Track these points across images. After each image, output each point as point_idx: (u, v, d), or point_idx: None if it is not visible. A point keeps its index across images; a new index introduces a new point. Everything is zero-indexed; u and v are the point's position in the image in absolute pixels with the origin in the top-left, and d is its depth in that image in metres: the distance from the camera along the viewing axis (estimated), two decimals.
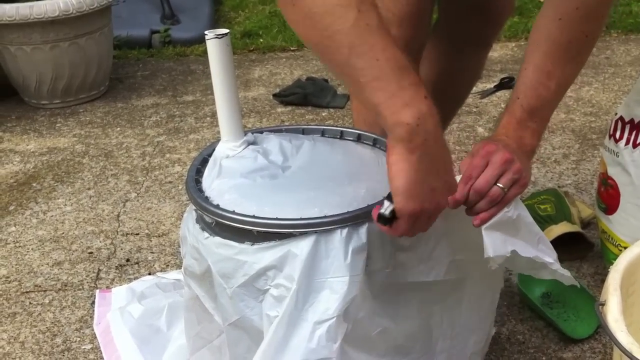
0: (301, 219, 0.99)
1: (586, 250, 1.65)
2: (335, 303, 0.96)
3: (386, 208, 0.93)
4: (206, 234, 1.05)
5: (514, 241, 1.04)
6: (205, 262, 1.05)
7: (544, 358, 1.38)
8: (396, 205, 0.92)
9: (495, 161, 1.00)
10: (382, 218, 0.94)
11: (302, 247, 0.98)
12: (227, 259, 1.01)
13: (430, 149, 0.89)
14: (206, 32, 1.11)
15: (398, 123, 0.87)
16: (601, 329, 1.42)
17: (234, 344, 1.07)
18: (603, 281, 1.54)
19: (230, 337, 1.07)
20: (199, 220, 1.09)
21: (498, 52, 3.09)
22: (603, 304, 0.96)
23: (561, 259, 1.55)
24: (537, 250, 1.08)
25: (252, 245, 1.01)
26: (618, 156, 1.45)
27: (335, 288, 0.97)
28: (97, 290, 1.42)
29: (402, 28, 1.31)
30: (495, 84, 2.71)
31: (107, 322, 1.32)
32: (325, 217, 0.99)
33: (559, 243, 1.59)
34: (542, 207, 1.68)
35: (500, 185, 1.00)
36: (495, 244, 1.01)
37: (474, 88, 2.54)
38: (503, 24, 1.59)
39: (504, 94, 2.64)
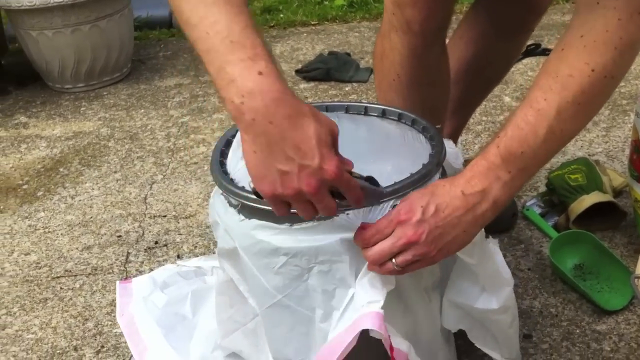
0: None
1: (619, 219, 1.61)
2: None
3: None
4: (241, 217, 1.04)
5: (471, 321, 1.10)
6: (240, 244, 1.04)
7: (577, 331, 1.37)
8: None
9: (399, 236, 0.92)
10: (253, 191, 0.90)
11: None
12: (266, 242, 1.00)
13: (263, 128, 0.81)
14: None
15: (225, 99, 0.83)
16: (635, 300, 1.39)
17: (274, 326, 1.06)
18: (637, 251, 1.53)
19: (270, 319, 1.06)
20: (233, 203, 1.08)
21: None
22: (639, 277, 0.94)
23: (594, 229, 1.54)
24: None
25: (291, 226, 0.99)
26: None
27: None
28: (118, 282, 1.41)
29: (416, 8, 1.26)
30: (521, 51, 2.65)
31: (130, 313, 1.32)
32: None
33: (591, 213, 1.57)
34: (572, 177, 1.65)
35: (394, 262, 0.93)
36: (449, 319, 1.09)
37: None
38: (544, 11, 1.51)
39: (530, 61, 2.59)
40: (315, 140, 0.83)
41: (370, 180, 0.94)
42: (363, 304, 0.96)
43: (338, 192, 0.88)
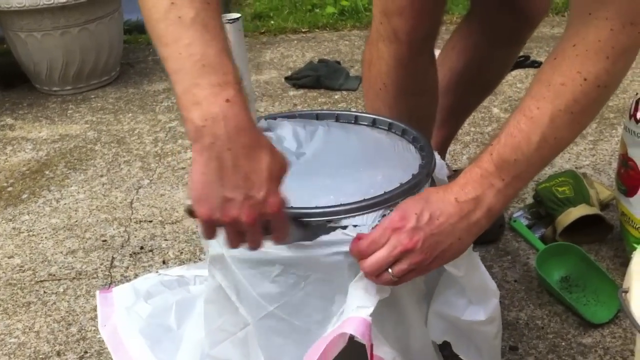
0: (316, 207, 0.97)
1: (605, 232, 1.62)
2: None
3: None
4: None
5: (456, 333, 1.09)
6: (230, 252, 1.02)
7: (563, 343, 1.37)
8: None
9: (394, 245, 0.91)
10: (187, 210, 0.88)
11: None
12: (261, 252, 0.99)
13: (220, 154, 0.82)
14: None
15: (186, 119, 0.83)
16: (621, 313, 1.40)
17: (269, 335, 1.05)
18: (623, 264, 1.53)
19: (264, 329, 1.05)
20: None
21: None
22: (626, 291, 0.94)
23: (580, 242, 1.55)
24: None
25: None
26: (639, 137, 1.42)
27: None
28: (98, 291, 1.39)
29: (403, 18, 1.27)
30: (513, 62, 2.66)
31: (113, 324, 1.29)
32: (341, 205, 0.97)
33: (578, 225, 1.58)
34: (560, 189, 1.65)
35: (390, 272, 0.92)
36: (435, 330, 1.08)
37: None
38: (538, 23, 1.51)
39: (519, 73, 2.60)
40: (266, 174, 0.84)
41: (298, 220, 0.95)
42: (353, 308, 0.95)
43: (266, 227, 0.89)
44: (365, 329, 0.92)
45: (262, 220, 0.86)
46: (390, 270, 0.92)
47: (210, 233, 0.88)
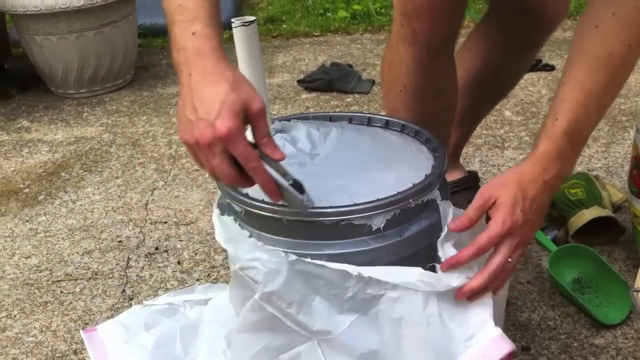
0: (330, 206, 0.99)
1: (618, 234, 1.62)
2: None
3: None
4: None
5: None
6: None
7: (575, 344, 1.37)
8: None
9: (511, 245, 1.00)
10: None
11: None
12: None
13: (185, 79, 0.92)
14: (233, 20, 1.11)
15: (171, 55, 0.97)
16: (634, 315, 1.40)
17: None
18: (635, 266, 1.54)
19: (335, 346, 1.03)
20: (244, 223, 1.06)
21: None
22: (638, 291, 0.95)
23: (592, 244, 1.55)
24: None
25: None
26: None
27: None
28: (81, 331, 1.32)
29: (421, 21, 1.28)
30: (529, 66, 2.67)
31: None
32: (355, 204, 0.99)
33: (590, 227, 1.58)
34: (572, 191, 1.66)
35: (510, 261, 1.01)
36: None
37: None
38: (555, 28, 1.52)
39: (531, 76, 2.61)
40: (219, 100, 0.89)
41: (296, 185, 0.95)
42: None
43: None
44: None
45: (220, 147, 0.89)
46: (510, 259, 1.01)
47: (197, 160, 0.93)
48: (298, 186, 0.94)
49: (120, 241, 1.83)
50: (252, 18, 1.11)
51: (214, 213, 1.11)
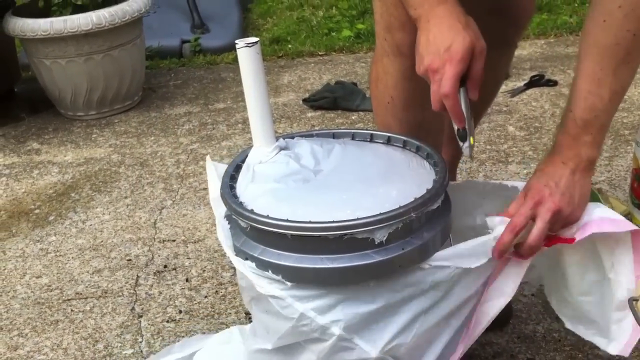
0: (334, 221, 1.01)
1: None
2: None
3: None
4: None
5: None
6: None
7: (580, 356, 1.38)
8: None
9: (544, 217, 1.09)
10: None
11: None
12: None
13: (423, 25, 1.12)
14: (237, 42, 1.14)
15: (410, 14, 1.14)
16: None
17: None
18: (637, 277, 1.54)
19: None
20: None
21: (527, 49, 3.08)
22: (637, 300, 0.97)
23: None
24: None
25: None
26: None
27: None
28: None
29: (405, 32, 1.30)
30: (525, 82, 2.70)
31: None
32: (358, 219, 1.01)
33: None
34: None
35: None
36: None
37: (504, 87, 2.55)
38: (525, 25, 1.56)
39: (534, 92, 2.63)
40: (445, 45, 1.08)
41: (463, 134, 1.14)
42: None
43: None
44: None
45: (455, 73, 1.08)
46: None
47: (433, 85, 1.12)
48: (463, 136, 1.14)
49: (130, 260, 1.86)
50: (255, 39, 1.14)
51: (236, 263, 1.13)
